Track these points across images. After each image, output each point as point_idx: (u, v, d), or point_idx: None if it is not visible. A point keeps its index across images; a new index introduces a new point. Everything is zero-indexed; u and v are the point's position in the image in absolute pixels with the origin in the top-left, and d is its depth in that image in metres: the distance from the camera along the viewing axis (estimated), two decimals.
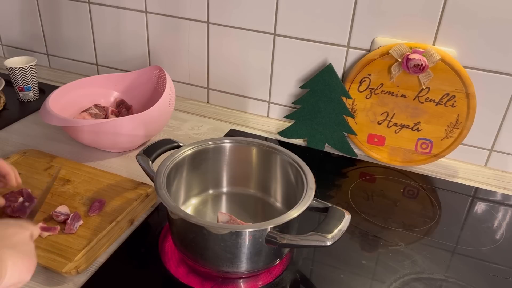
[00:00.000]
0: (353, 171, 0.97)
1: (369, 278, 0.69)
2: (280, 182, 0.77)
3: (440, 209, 0.85)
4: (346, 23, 0.95)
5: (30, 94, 1.14)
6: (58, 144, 0.98)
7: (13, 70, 1.09)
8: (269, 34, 1.03)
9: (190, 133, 1.06)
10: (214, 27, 1.07)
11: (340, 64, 0.99)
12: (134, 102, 1.06)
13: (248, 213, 0.77)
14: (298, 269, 0.70)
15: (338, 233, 0.58)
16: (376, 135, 0.98)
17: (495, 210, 0.86)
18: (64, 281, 0.66)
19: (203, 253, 0.63)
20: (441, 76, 0.89)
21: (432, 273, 0.70)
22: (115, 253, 0.71)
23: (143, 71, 1.06)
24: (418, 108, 0.93)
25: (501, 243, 0.77)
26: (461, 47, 0.89)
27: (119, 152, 0.96)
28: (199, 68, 1.14)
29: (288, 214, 0.61)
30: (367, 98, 0.96)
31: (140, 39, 1.17)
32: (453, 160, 1.00)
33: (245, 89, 1.13)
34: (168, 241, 0.73)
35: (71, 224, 0.72)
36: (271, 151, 0.75)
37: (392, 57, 0.90)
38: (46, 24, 1.27)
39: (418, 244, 0.76)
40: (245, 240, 0.60)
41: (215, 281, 0.66)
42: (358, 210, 0.83)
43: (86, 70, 1.29)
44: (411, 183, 0.92)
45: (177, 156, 0.72)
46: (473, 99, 0.88)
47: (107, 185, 0.84)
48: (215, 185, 0.80)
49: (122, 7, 1.14)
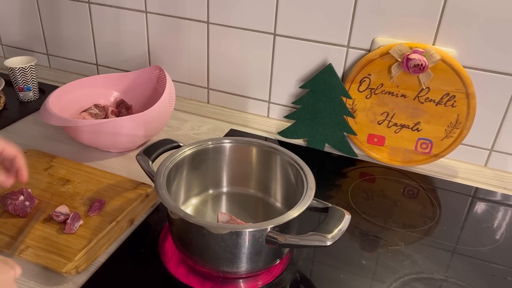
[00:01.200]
0: (353, 171, 0.97)
1: (369, 278, 0.69)
2: (280, 182, 0.77)
3: (440, 209, 0.85)
4: (346, 23, 0.95)
5: (30, 94, 1.14)
6: (58, 144, 0.98)
7: (13, 70, 1.09)
8: (269, 34, 1.03)
9: (190, 133, 1.06)
10: (214, 27, 1.07)
11: (340, 64, 0.99)
12: (134, 102, 1.06)
13: (248, 213, 0.77)
14: (298, 269, 0.70)
15: (338, 233, 0.58)
16: (376, 135, 0.98)
17: (495, 210, 0.86)
18: (64, 281, 0.66)
19: (203, 253, 0.63)
20: (441, 76, 0.89)
21: (432, 273, 0.70)
22: (115, 253, 0.71)
23: (143, 71, 1.06)
24: (418, 108, 0.93)
25: (501, 243, 0.77)
26: (461, 47, 0.89)
27: (119, 152, 0.96)
28: (199, 68, 1.14)
29: (288, 214, 0.61)
30: (367, 98, 0.96)
31: (140, 39, 1.17)
32: (453, 160, 1.00)
33: (245, 89, 1.12)
34: (168, 241, 0.73)
35: (71, 224, 0.72)
36: (271, 151, 0.75)
37: (392, 57, 0.90)
38: (46, 24, 1.27)
39: (418, 244, 0.76)
40: (245, 240, 0.60)
41: (215, 281, 0.66)
42: (358, 210, 0.83)
43: (86, 70, 1.29)
44: (411, 183, 0.92)
45: (177, 156, 0.72)
46: (473, 99, 0.89)
47: (107, 185, 0.84)
48: (215, 185, 0.80)
49: (122, 7, 1.14)
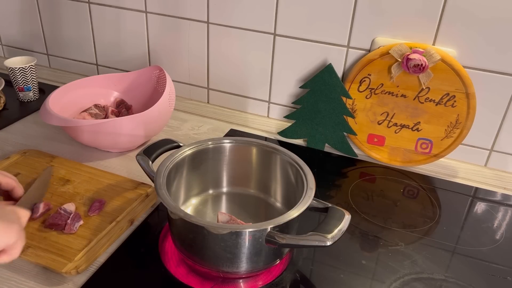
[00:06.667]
0: (353, 171, 0.97)
1: (369, 278, 0.69)
2: (280, 182, 0.77)
3: (440, 209, 0.85)
4: (346, 23, 0.95)
5: (30, 94, 1.14)
6: (58, 144, 0.98)
7: (13, 70, 1.09)
8: (269, 34, 1.03)
9: (190, 133, 1.06)
10: (214, 27, 1.07)
11: (340, 64, 0.99)
12: (134, 102, 1.06)
13: (248, 213, 0.77)
14: (298, 269, 0.70)
15: (338, 233, 0.58)
16: (376, 135, 0.98)
17: (495, 210, 0.86)
18: (64, 281, 0.66)
19: (203, 253, 0.63)
20: (441, 76, 0.89)
21: (432, 273, 0.70)
22: (115, 253, 0.71)
23: (143, 71, 1.06)
24: (418, 108, 0.93)
25: (501, 243, 0.77)
26: (461, 47, 0.89)
27: (119, 152, 0.96)
28: (199, 68, 1.14)
29: (288, 214, 0.61)
30: (367, 98, 0.96)
31: (140, 39, 1.17)
32: (453, 160, 1.00)
33: (245, 89, 1.13)
34: (168, 241, 0.73)
35: (71, 224, 0.72)
36: (271, 151, 0.75)
37: (392, 57, 0.90)
38: (46, 24, 1.27)
39: (418, 244, 0.76)
40: (245, 240, 0.60)
41: (215, 281, 0.66)
42: (358, 210, 0.83)
43: (86, 70, 1.29)
44: (411, 183, 0.92)
45: (177, 156, 0.72)
46: (473, 99, 0.89)
47: (107, 185, 0.84)
48: (215, 185, 0.80)
49: (122, 7, 1.14)
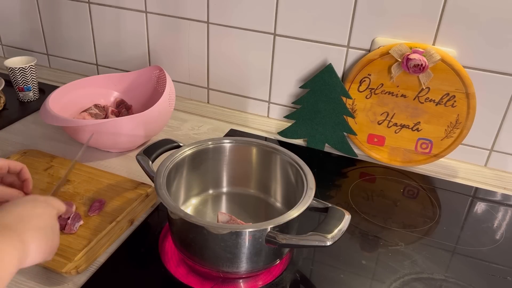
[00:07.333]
0: (353, 171, 0.97)
1: (369, 278, 0.69)
2: (280, 182, 0.77)
3: (440, 209, 0.85)
4: (346, 23, 0.95)
5: (30, 94, 1.14)
6: (58, 144, 0.98)
7: (13, 70, 1.09)
8: (269, 34, 1.03)
9: (190, 133, 1.06)
10: (214, 27, 1.07)
11: (340, 64, 0.99)
12: (134, 102, 1.06)
13: (248, 213, 0.77)
14: (298, 269, 0.70)
15: (338, 233, 0.58)
16: (376, 135, 0.98)
17: (495, 210, 0.86)
18: (64, 281, 0.66)
19: (203, 253, 0.63)
20: (441, 76, 0.89)
21: (432, 273, 0.70)
22: (115, 253, 0.71)
23: (143, 71, 1.06)
24: (418, 108, 0.93)
25: (501, 243, 0.77)
26: (461, 47, 0.89)
27: (119, 152, 0.96)
28: (199, 68, 1.14)
29: (288, 214, 0.61)
30: (367, 98, 0.96)
31: (140, 39, 1.17)
32: (453, 160, 1.00)
33: (245, 89, 1.12)
34: (168, 241, 0.73)
35: (71, 224, 0.72)
36: (271, 151, 0.75)
37: (392, 57, 0.90)
38: (46, 24, 1.27)
39: (418, 244, 0.76)
40: (245, 240, 0.60)
41: (215, 281, 0.66)
42: (358, 210, 0.83)
43: (86, 70, 1.29)
44: (411, 183, 0.92)
45: (177, 156, 0.72)
46: (473, 99, 0.89)
47: (107, 185, 0.84)
48: (215, 185, 0.80)
49: (122, 7, 1.14)
